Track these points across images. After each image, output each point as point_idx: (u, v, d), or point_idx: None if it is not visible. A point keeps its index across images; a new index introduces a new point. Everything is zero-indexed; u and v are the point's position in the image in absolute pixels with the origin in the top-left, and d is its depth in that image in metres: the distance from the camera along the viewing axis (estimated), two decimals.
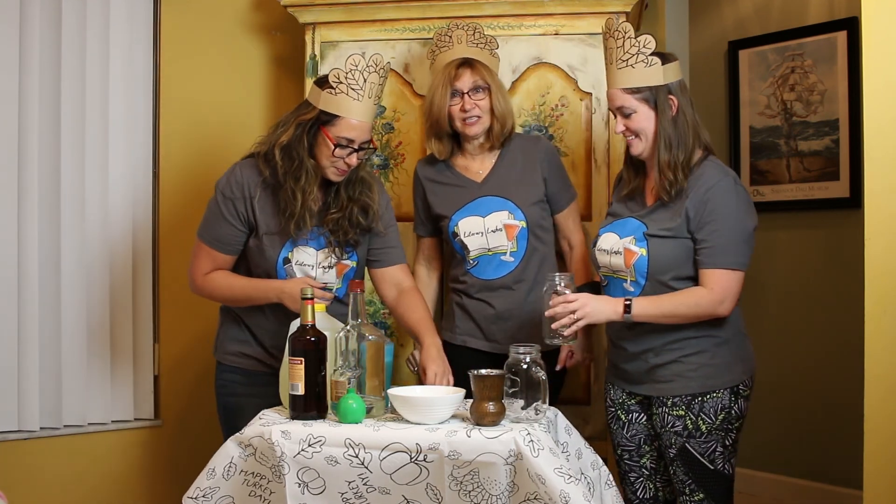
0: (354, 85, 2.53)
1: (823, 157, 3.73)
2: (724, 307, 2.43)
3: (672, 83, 2.49)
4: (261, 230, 2.62)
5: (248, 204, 2.62)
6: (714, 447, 2.47)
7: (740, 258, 2.44)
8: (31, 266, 3.36)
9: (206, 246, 2.67)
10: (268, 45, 3.77)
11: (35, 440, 3.39)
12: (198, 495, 2.24)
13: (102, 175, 3.50)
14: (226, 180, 2.65)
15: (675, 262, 2.46)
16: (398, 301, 2.75)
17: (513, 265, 2.89)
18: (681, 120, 2.49)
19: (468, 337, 2.94)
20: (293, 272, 2.63)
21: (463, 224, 2.90)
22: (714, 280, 2.42)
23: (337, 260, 2.66)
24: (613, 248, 2.53)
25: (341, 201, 2.65)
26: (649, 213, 2.53)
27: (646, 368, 2.53)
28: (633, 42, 2.46)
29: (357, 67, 2.53)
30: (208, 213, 2.68)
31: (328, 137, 2.56)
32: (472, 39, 2.91)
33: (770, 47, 3.87)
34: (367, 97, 2.56)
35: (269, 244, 2.62)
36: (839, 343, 3.64)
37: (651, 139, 2.50)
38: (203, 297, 2.74)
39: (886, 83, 2.30)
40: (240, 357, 2.72)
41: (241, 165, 2.67)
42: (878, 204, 2.33)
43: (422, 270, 3.08)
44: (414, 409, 2.25)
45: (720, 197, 2.44)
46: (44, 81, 3.38)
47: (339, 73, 2.54)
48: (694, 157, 2.50)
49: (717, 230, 2.42)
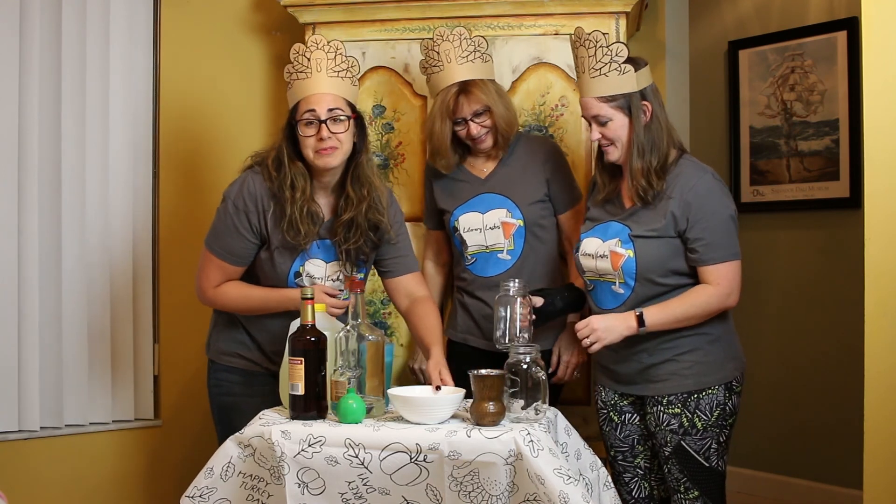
0: (300, 67, 2.56)
1: (823, 157, 3.73)
2: (733, 298, 2.49)
3: (645, 88, 2.51)
4: (273, 244, 2.58)
5: (261, 217, 2.57)
6: (709, 444, 2.49)
7: (734, 248, 2.50)
8: (32, 266, 3.36)
9: (215, 258, 2.61)
10: (268, 45, 3.76)
11: (35, 440, 3.38)
12: (194, 494, 2.24)
13: (102, 175, 3.50)
14: (237, 192, 2.59)
15: (661, 261, 2.49)
16: (410, 310, 2.73)
17: (509, 263, 2.90)
18: (654, 124, 2.52)
19: (468, 335, 2.96)
20: (304, 284, 2.60)
21: (463, 219, 2.92)
22: (718, 274, 2.46)
23: (348, 274, 2.64)
24: (598, 252, 2.55)
25: (352, 200, 2.60)
26: (630, 216, 2.55)
27: (639, 368, 2.54)
28: (605, 50, 2.48)
29: (298, 52, 2.57)
30: (218, 224, 2.62)
31: (298, 123, 2.55)
32: (462, 54, 2.85)
33: (770, 47, 3.87)
34: (315, 71, 2.55)
35: (281, 258, 2.59)
36: (839, 343, 3.64)
37: (625, 146, 2.52)
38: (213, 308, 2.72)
39: (886, 83, 2.31)
40: (236, 357, 2.70)
41: (251, 177, 2.60)
42: (878, 204, 2.33)
43: (429, 265, 3.11)
44: (414, 410, 2.26)
45: (704, 195, 2.47)
46: (44, 81, 3.38)
47: (287, 67, 2.59)
48: (668, 160, 2.52)
49: (709, 227, 2.46)
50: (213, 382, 2.73)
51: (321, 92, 2.54)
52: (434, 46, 2.88)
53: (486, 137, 2.87)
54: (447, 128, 2.86)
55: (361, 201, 2.59)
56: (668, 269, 2.49)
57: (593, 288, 2.60)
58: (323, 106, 2.52)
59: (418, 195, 3.27)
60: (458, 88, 2.84)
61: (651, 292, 2.49)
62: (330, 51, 2.57)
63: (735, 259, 2.49)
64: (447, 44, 2.86)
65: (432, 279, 3.08)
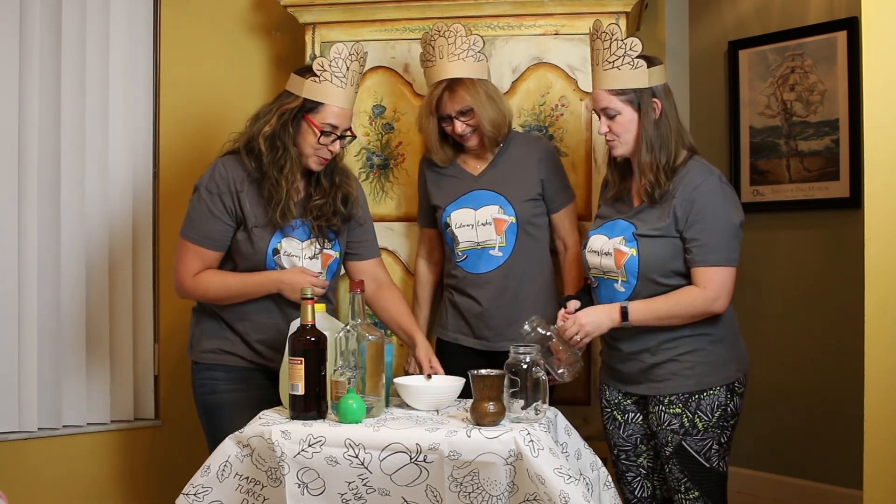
0: (338, 73, 2.60)
1: (823, 157, 3.73)
2: (719, 304, 2.45)
3: (656, 86, 2.51)
4: (249, 223, 2.62)
5: (234, 198, 2.62)
6: (710, 445, 2.48)
7: (730, 254, 2.47)
8: (31, 266, 3.36)
9: (192, 245, 2.64)
10: (268, 45, 3.76)
11: (34, 440, 3.38)
12: (190, 492, 2.24)
13: (102, 175, 3.50)
14: (209, 177, 2.65)
15: (664, 261, 2.49)
16: (378, 295, 2.79)
17: (501, 260, 2.91)
18: (663, 123, 2.51)
19: (459, 335, 2.98)
20: (282, 263, 2.64)
21: (455, 215, 2.93)
22: (706, 278, 2.44)
23: (320, 249, 2.69)
24: (603, 250, 2.55)
25: (324, 188, 2.69)
26: (637, 214, 2.55)
27: (642, 368, 2.54)
28: (619, 44, 2.49)
29: (340, 56, 2.60)
30: (192, 212, 2.67)
31: (313, 125, 2.60)
32: (454, 51, 2.87)
33: (770, 47, 3.87)
34: (349, 85, 2.63)
35: (259, 236, 2.63)
36: (839, 343, 3.63)
37: (633, 141, 2.52)
38: (192, 299, 2.72)
39: (886, 83, 2.31)
40: (218, 353, 2.69)
41: (222, 161, 2.67)
42: (878, 204, 2.33)
43: (422, 263, 3.13)
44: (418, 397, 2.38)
45: (706, 196, 2.46)
46: (44, 81, 3.38)
47: (322, 61, 2.60)
48: (677, 160, 2.52)
49: (706, 228, 2.45)
50: (198, 383, 2.73)
51: (345, 108, 2.64)
52: (430, 41, 2.92)
53: (472, 136, 2.89)
54: (433, 123, 2.91)
55: (332, 188, 2.70)
56: (670, 270, 2.49)
57: (597, 285, 2.61)
58: (344, 125, 2.65)
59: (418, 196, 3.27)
60: (445, 86, 2.87)
61: (652, 292, 2.49)
62: (361, 65, 2.68)
63: (729, 265, 2.46)
64: (442, 39, 2.88)
65: (425, 278, 3.10)
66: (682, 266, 2.49)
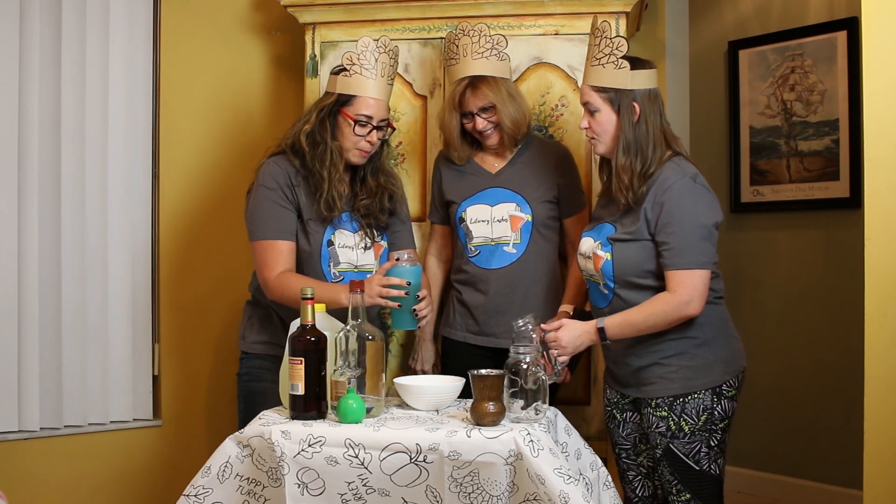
0: (367, 64, 2.69)
1: (823, 157, 3.73)
2: (693, 307, 2.41)
3: (639, 90, 2.49)
4: (304, 215, 2.71)
5: (293, 190, 2.70)
6: (698, 448, 2.47)
7: (701, 256, 2.42)
8: (31, 266, 3.36)
9: (268, 242, 2.67)
10: (268, 45, 3.77)
11: (35, 440, 3.38)
12: (191, 493, 2.24)
13: (102, 175, 3.50)
14: (265, 174, 2.72)
15: (637, 264, 2.47)
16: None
17: (515, 256, 2.92)
18: (641, 128, 2.49)
19: (467, 333, 2.98)
20: (336, 255, 2.72)
21: (471, 211, 2.96)
22: (677, 281, 2.41)
23: (372, 241, 2.78)
24: (587, 253, 2.57)
25: (369, 188, 2.79)
26: (620, 218, 2.55)
27: (631, 371, 2.55)
28: (608, 42, 2.50)
29: (368, 49, 2.69)
30: (258, 212, 2.70)
31: (348, 117, 2.69)
32: (478, 49, 2.91)
33: (770, 47, 3.87)
34: (379, 76, 2.71)
35: (313, 229, 2.71)
36: (839, 343, 3.64)
37: (611, 141, 2.52)
38: (278, 300, 2.67)
39: (886, 83, 2.31)
40: (269, 345, 2.77)
41: (273, 160, 2.75)
42: (878, 204, 2.33)
43: (431, 260, 3.14)
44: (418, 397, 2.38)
45: (676, 198, 2.43)
46: (44, 81, 3.38)
47: (351, 55, 2.69)
48: (652, 167, 2.49)
49: (675, 231, 2.42)
50: (244, 371, 2.81)
51: (379, 98, 2.72)
52: (454, 40, 2.96)
53: (493, 133, 2.92)
54: (455, 119, 2.95)
55: (378, 188, 2.79)
56: (645, 271, 2.47)
57: (589, 287, 2.62)
58: (379, 115, 2.72)
59: (418, 195, 3.27)
60: (468, 82, 2.91)
61: (632, 293, 2.48)
62: (392, 57, 2.76)
63: (700, 267, 2.41)
64: (466, 38, 2.93)
65: (434, 274, 3.11)
66: (656, 267, 2.47)
